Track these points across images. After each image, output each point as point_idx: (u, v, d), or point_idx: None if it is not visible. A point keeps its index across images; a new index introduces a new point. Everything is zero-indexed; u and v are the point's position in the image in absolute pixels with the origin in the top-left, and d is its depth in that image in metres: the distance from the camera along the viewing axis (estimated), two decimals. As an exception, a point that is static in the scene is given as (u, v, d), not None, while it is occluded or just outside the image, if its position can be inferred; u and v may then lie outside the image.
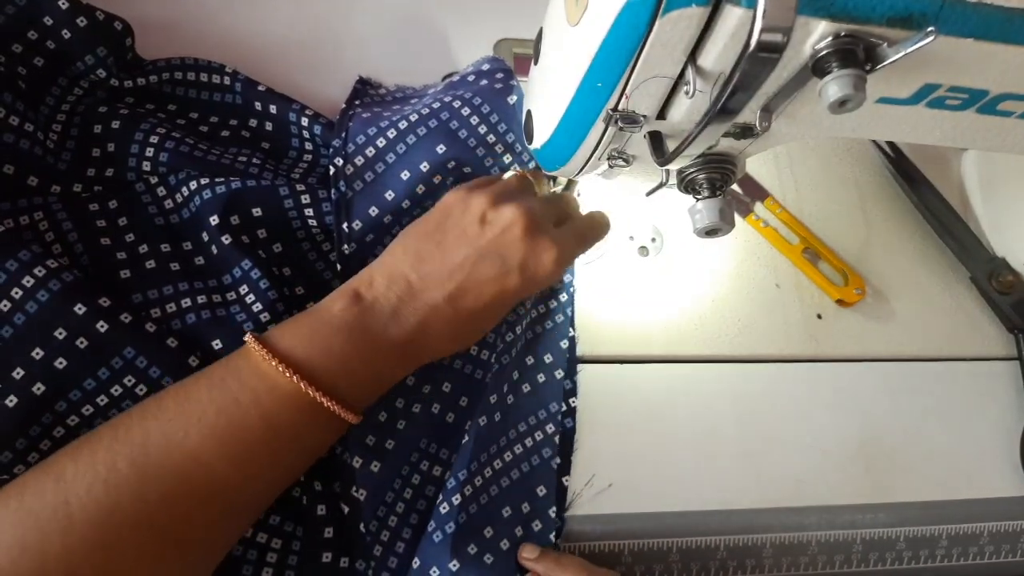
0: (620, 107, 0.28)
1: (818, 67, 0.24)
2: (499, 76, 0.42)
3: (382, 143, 0.40)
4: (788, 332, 0.46)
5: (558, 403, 0.40)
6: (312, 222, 0.39)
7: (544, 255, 0.34)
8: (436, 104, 0.41)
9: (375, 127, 0.40)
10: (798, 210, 0.50)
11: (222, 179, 0.38)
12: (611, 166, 0.34)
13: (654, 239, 0.47)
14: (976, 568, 0.43)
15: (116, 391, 0.33)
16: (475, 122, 0.41)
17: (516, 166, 0.42)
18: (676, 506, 0.40)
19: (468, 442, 0.37)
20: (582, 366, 0.42)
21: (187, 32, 0.45)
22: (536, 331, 0.41)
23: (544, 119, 0.34)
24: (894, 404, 0.45)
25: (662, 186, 0.37)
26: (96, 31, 0.40)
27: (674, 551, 0.39)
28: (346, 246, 0.39)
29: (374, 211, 0.39)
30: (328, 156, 0.42)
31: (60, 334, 0.32)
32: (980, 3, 0.23)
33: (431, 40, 0.49)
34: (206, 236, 0.37)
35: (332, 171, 0.39)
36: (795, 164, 0.51)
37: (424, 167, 0.39)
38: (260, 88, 0.43)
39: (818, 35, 0.23)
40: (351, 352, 0.31)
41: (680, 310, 0.45)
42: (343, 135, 0.40)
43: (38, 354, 0.31)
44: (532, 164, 0.42)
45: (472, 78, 0.43)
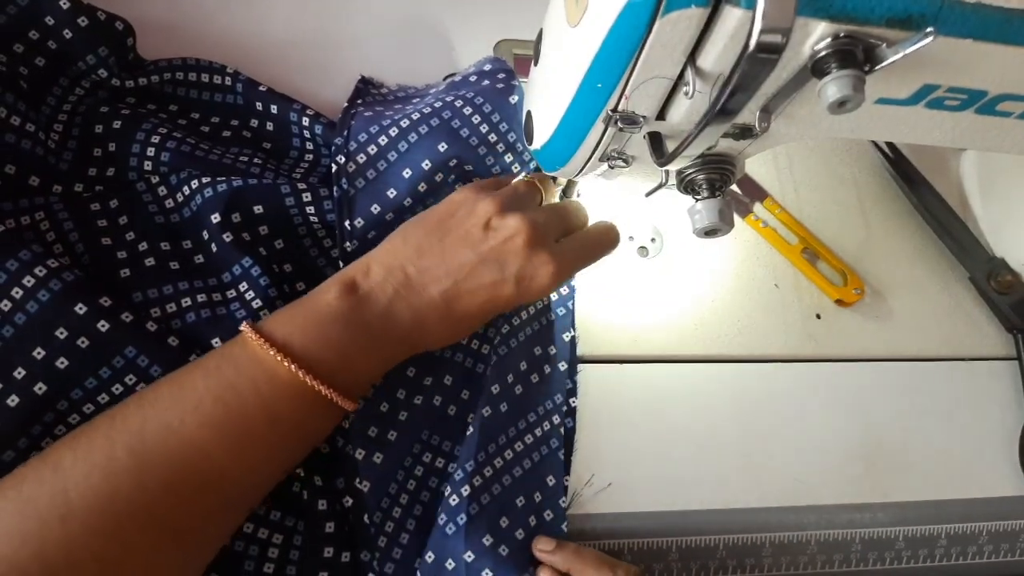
0: (620, 108, 0.28)
1: (817, 68, 0.24)
2: (501, 76, 0.42)
3: (384, 141, 0.40)
4: (787, 332, 0.46)
5: (563, 395, 0.40)
6: (313, 219, 0.39)
7: (541, 269, 0.34)
8: (438, 103, 0.41)
9: (377, 125, 0.40)
10: (797, 210, 0.50)
11: (223, 178, 0.38)
12: (611, 167, 0.34)
13: (654, 239, 0.47)
14: (975, 568, 0.43)
15: (117, 390, 0.33)
16: (477, 121, 0.41)
17: (517, 165, 0.42)
18: (676, 505, 0.40)
19: (473, 433, 0.37)
20: (582, 366, 0.42)
21: (187, 33, 0.45)
22: (542, 323, 0.42)
23: (544, 120, 0.34)
24: (893, 404, 0.45)
25: (662, 186, 0.37)
26: (97, 31, 0.40)
27: (674, 550, 0.39)
28: (348, 243, 0.39)
29: (376, 208, 0.39)
30: (329, 156, 0.42)
31: (61, 333, 0.32)
32: (979, 4, 0.23)
33: (431, 41, 0.49)
34: (206, 235, 0.38)
35: (334, 168, 0.39)
36: (794, 164, 0.51)
37: (426, 165, 0.40)
38: (261, 88, 0.43)
39: (817, 36, 0.23)
40: (348, 341, 0.31)
41: (680, 310, 0.45)
42: (345, 133, 0.40)
43: (39, 354, 0.31)
44: (533, 164, 0.42)
45: (474, 78, 0.43)
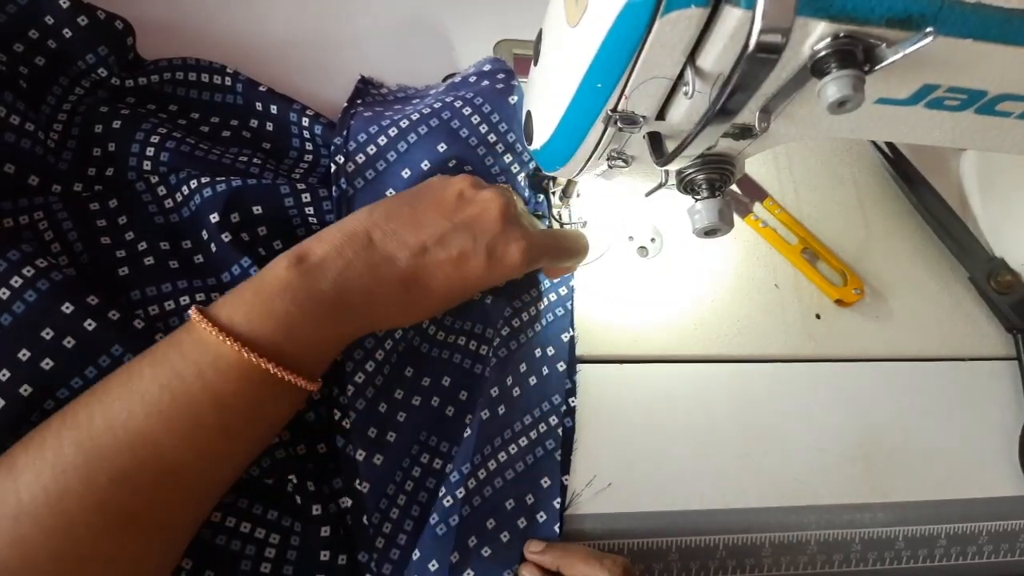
0: (620, 108, 0.28)
1: (817, 68, 0.24)
2: (500, 76, 0.42)
3: (383, 141, 0.40)
4: (787, 332, 0.46)
5: (561, 396, 0.40)
6: (312, 220, 0.39)
7: (513, 244, 0.34)
8: (437, 104, 0.41)
9: (376, 125, 0.40)
10: (797, 210, 0.50)
11: (222, 178, 0.38)
12: (610, 166, 0.34)
13: (653, 239, 0.47)
14: (975, 567, 0.43)
15: None
16: (476, 121, 0.41)
17: (516, 165, 0.42)
18: (676, 505, 0.40)
19: (471, 435, 0.37)
20: (582, 366, 0.42)
21: (187, 33, 0.45)
22: (541, 324, 0.42)
23: (544, 120, 0.34)
24: (893, 404, 0.45)
25: (661, 186, 0.37)
26: (97, 30, 0.40)
27: (674, 550, 0.39)
28: None
29: None
30: (329, 156, 0.42)
31: (47, 334, 0.32)
32: (979, 4, 0.23)
33: (431, 41, 0.49)
34: (205, 234, 0.38)
35: (333, 168, 0.39)
36: (794, 164, 0.51)
37: (425, 165, 0.40)
38: (261, 88, 0.43)
39: (817, 36, 0.23)
40: (296, 315, 0.30)
41: (679, 310, 0.45)
42: (344, 133, 0.40)
43: (24, 355, 0.31)
44: (532, 164, 0.42)
45: (474, 78, 0.43)
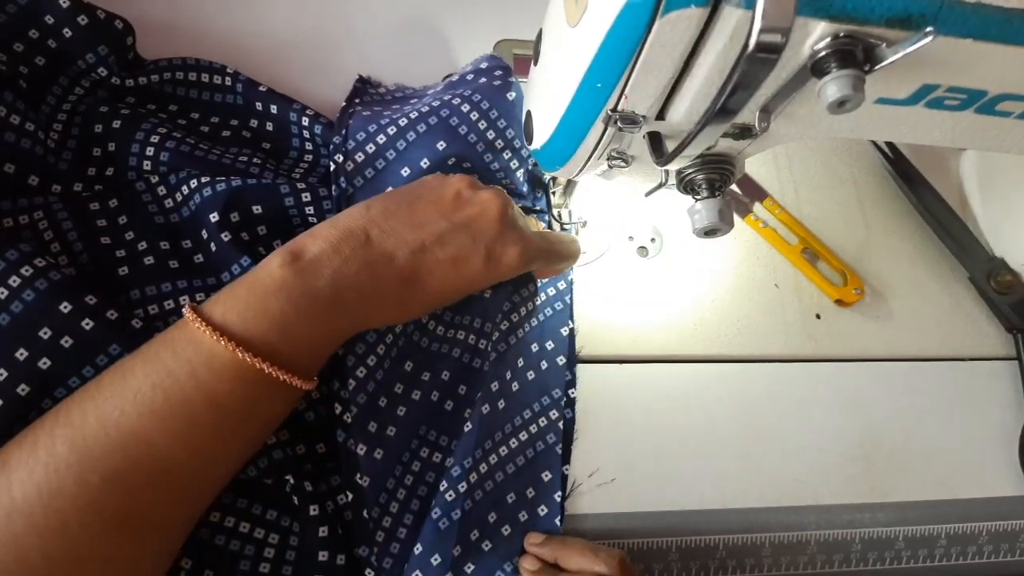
0: (619, 107, 0.28)
1: (817, 68, 0.24)
2: (498, 73, 0.42)
3: (382, 140, 0.40)
4: (787, 332, 0.46)
5: (561, 390, 0.40)
6: (313, 219, 0.39)
7: (511, 246, 0.34)
8: (436, 102, 0.41)
9: (375, 124, 0.40)
10: (797, 210, 0.50)
11: (222, 178, 0.38)
12: (610, 166, 0.34)
13: (653, 239, 0.47)
14: (975, 568, 0.43)
15: None
16: (475, 118, 0.41)
17: (516, 162, 0.42)
18: (676, 505, 0.40)
19: (472, 430, 0.37)
20: (582, 366, 0.42)
21: (187, 33, 0.45)
22: (539, 318, 0.42)
23: (544, 119, 0.34)
24: (893, 404, 0.45)
25: (661, 186, 0.37)
26: (97, 30, 0.40)
27: (673, 550, 0.39)
28: None
29: None
30: (328, 155, 0.42)
31: (45, 334, 0.31)
32: (979, 3, 0.23)
33: (431, 41, 0.49)
34: (205, 234, 0.37)
35: (332, 167, 0.39)
36: (794, 164, 0.51)
37: (424, 163, 0.40)
38: (261, 88, 0.43)
39: (817, 36, 0.23)
40: (290, 313, 0.29)
41: (679, 310, 0.45)
42: (343, 132, 0.40)
43: (22, 355, 0.31)
44: (531, 161, 0.42)
45: (471, 76, 0.43)
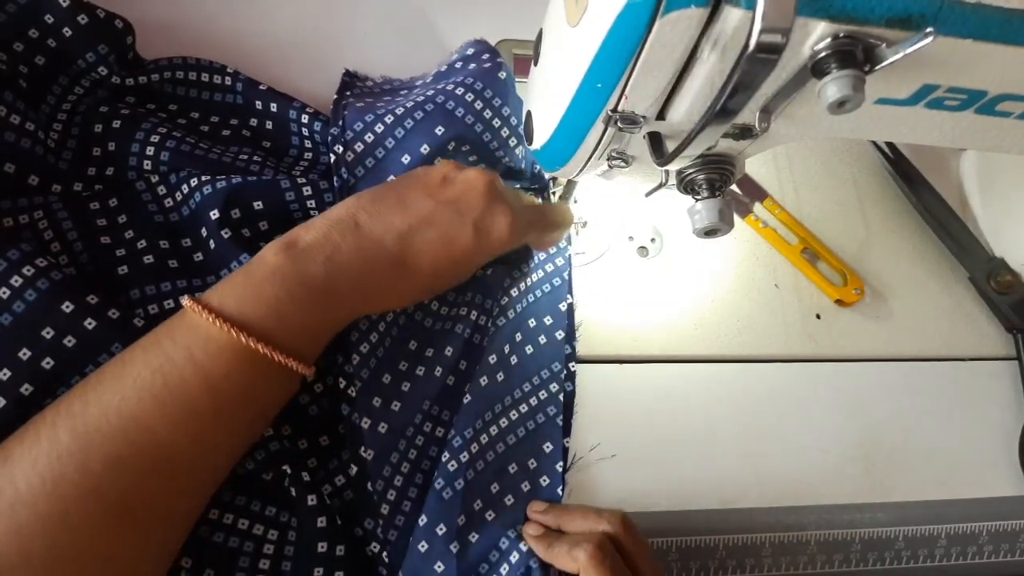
0: (620, 108, 0.28)
1: (817, 68, 0.24)
2: (486, 56, 0.43)
3: (380, 129, 0.40)
4: (787, 332, 0.46)
5: (561, 363, 0.41)
6: (314, 213, 0.39)
7: (500, 218, 0.34)
8: (430, 91, 0.42)
9: (372, 114, 0.40)
10: (797, 210, 0.50)
11: (223, 176, 0.38)
12: (611, 166, 0.34)
13: (654, 239, 0.47)
14: (975, 568, 0.43)
15: None
16: (471, 99, 0.41)
17: (514, 139, 0.42)
18: (676, 505, 0.40)
19: (471, 401, 0.38)
20: (582, 366, 0.42)
21: (187, 33, 0.45)
22: (536, 294, 0.42)
23: (544, 120, 0.34)
24: (893, 404, 0.45)
25: (661, 186, 0.37)
26: (97, 29, 0.40)
27: (673, 550, 0.39)
28: None
29: None
30: (328, 150, 0.42)
31: (47, 333, 0.32)
32: (979, 4, 0.23)
33: (431, 41, 0.49)
34: (205, 232, 0.37)
35: (332, 159, 0.39)
36: (794, 165, 0.51)
37: (424, 150, 0.40)
38: (261, 87, 0.43)
39: (817, 36, 0.23)
40: (285, 298, 0.30)
41: (680, 310, 0.45)
42: (340, 123, 0.40)
43: (25, 354, 0.31)
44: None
45: (460, 64, 0.43)
